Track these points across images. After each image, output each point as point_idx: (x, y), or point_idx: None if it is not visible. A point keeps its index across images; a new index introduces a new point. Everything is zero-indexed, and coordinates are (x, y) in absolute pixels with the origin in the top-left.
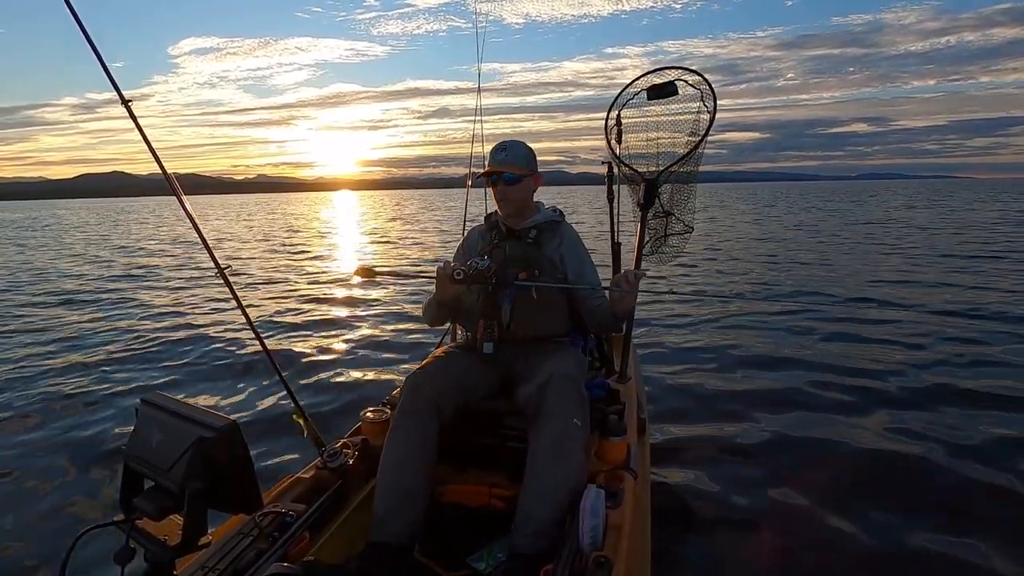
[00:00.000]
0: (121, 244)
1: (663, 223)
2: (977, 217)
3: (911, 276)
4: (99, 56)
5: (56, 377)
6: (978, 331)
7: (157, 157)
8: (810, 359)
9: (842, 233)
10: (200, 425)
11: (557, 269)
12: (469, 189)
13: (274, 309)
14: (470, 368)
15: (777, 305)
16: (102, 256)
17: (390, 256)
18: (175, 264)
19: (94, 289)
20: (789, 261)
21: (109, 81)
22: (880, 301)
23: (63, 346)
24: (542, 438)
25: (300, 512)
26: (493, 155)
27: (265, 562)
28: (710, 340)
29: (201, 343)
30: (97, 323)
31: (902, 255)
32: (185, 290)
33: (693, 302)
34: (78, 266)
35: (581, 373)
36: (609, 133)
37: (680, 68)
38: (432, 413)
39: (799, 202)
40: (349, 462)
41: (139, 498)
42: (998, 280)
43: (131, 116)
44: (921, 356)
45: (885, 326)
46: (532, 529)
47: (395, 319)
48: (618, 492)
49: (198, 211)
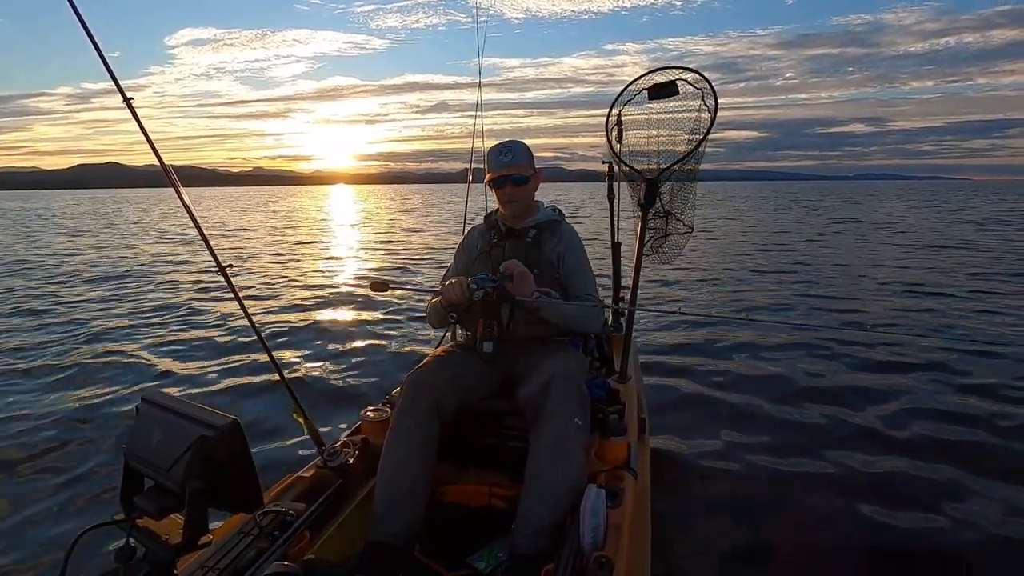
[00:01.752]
0: (121, 236)
1: (664, 222)
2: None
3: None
4: (99, 51)
5: (56, 376)
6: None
7: (156, 151)
8: (813, 359)
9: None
10: (201, 424)
11: (556, 269)
12: (469, 185)
13: (275, 307)
14: (470, 368)
15: (778, 305)
16: (104, 249)
17: (392, 257)
18: (174, 260)
19: (94, 279)
20: (789, 262)
21: (109, 76)
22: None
23: (63, 345)
24: (543, 438)
25: (300, 511)
26: (497, 158)
27: (265, 561)
28: (711, 340)
29: (202, 341)
30: (97, 322)
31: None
32: (185, 287)
33: (693, 303)
34: (79, 257)
35: (582, 373)
36: (610, 131)
37: (681, 67)
38: (432, 413)
39: (796, 202)
40: (349, 461)
41: (140, 497)
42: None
43: (131, 112)
44: (922, 356)
45: (889, 326)
46: (532, 529)
47: (395, 318)
48: (618, 492)
49: (193, 203)
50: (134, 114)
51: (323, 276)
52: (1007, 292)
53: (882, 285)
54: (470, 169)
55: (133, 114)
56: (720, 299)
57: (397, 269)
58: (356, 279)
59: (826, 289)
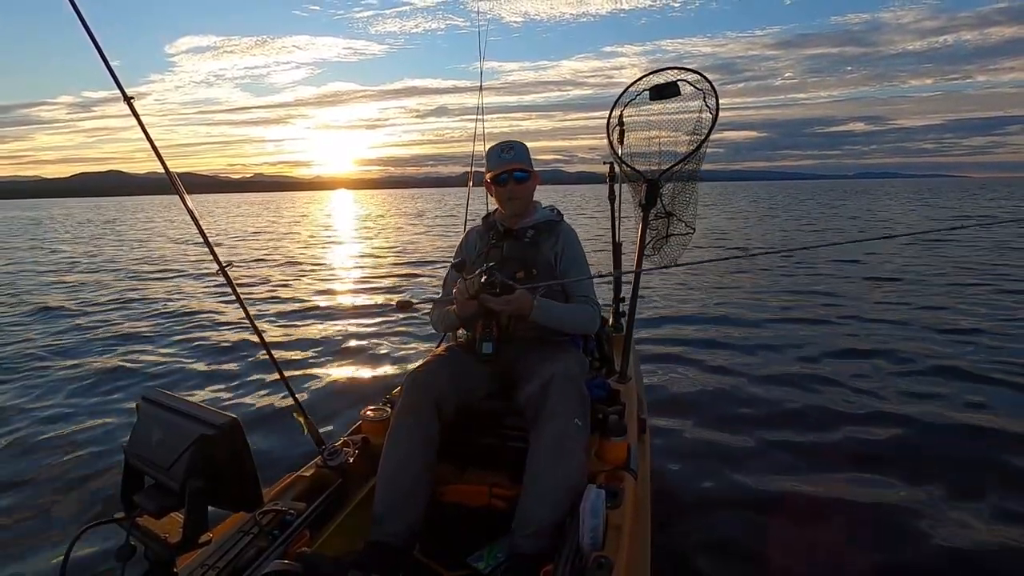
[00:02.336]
0: (124, 241)
1: (665, 223)
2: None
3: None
4: (102, 54)
5: (56, 376)
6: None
7: (159, 155)
8: (814, 359)
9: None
10: (201, 422)
11: (554, 269)
12: (470, 187)
13: (275, 308)
14: (470, 368)
15: (779, 306)
16: (105, 253)
17: (400, 258)
18: (175, 261)
19: (95, 284)
20: (792, 263)
21: (112, 79)
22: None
23: (63, 344)
24: (543, 438)
25: (300, 510)
26: (499, 155)
27: (265, 560)
28: (711, 340)
29: (202, 340)
30: (96, 321)
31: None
32: (185, 287)
33: (693, 303)
34: (82, 261)
35: (582, 373)
36: (611, 132)
37: (681, 68)
38: (433, 413)
39: (795, 201)
40: (349, 461)
41: (140, 495)
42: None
43: (133, 113)
44: (921, 358)
45: (891, 324)
46: (532, 529)
47: (396, 318)
48: (618, 492)
49: (199, 210)
50: (135, 114)
51: (323, 276)
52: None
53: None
54: (471, 171)
55: (134, 114)
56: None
57: (400, 271)
58: (357, 279)
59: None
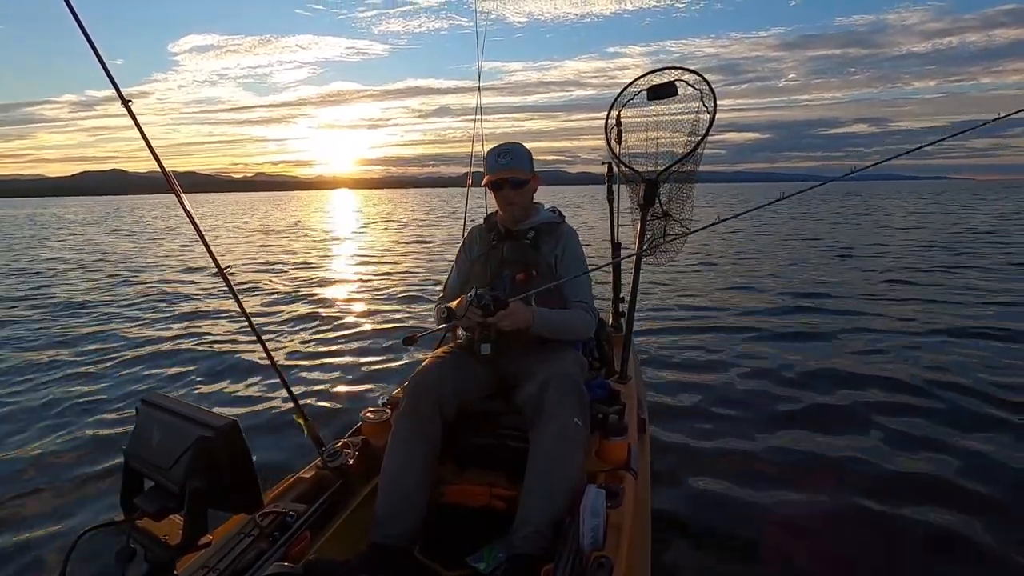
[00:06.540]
0: (123, 243)
1: (662, 223)
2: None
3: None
4: (98, 55)
5: (56, 376)
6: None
7: (157, 157)
8: (816, 359)
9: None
10: (200, 425)
11: (554, 271)
12: (469, 188)
13: (275, 310)
14: (470, 369)
15: (780, 306)
16: (107, 255)
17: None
18: (174, 263)
19: (95, 288)
20: (792, 264)
21: (109, 80)
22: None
23: (62, 344)
24: (542, 438)
25: (301, 512)
26: (496, 160)
27: (266, 562)
28: (711, 340)
29: (201, 343)
30: (96, 322)
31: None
32: (185, 289)
33: (693, 302)
34: (85, 264)
35: (581, 373)
36: (609, 133)
37: (680, 68)
38: (434, 416)
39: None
40: (349, 462)
41: (140, 498)
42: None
43: (131, 116)
44: (919, 359)
45: (894, 322)
46: (532, 529)
47: (396, 319)
48: (618, 492)
49: (195, 209)
50: (133, 117)
51: (323, 277)
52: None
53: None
54: (470, 172)
55: (132, 116)
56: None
57: (400, 270)
58: (356, 280)
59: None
